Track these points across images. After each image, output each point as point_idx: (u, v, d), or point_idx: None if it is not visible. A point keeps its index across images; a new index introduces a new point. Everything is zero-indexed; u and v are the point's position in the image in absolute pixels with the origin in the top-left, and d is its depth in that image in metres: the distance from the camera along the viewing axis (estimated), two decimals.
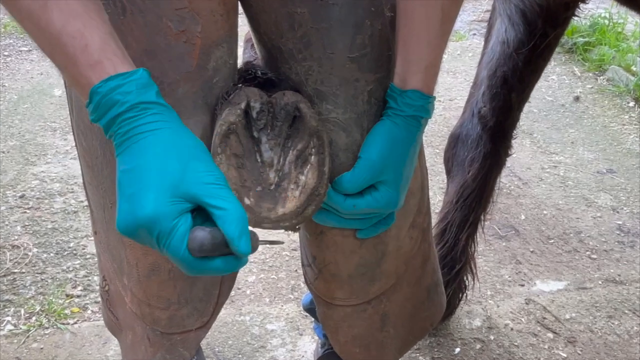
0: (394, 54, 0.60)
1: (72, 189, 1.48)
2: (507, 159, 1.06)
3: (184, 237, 0.45)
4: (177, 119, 0.49)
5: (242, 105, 0.56)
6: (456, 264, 1.07)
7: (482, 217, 1.08)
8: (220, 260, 0.46)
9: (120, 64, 0.47)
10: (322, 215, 0.61)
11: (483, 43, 1.05)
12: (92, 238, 1.18)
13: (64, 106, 1.84)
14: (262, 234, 0.58)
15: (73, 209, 1.41)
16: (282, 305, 1.17)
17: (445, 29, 0.58)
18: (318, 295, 0.72)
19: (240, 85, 0.58)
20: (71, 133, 0.67)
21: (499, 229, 1.44)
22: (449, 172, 1.09)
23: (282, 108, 0.57)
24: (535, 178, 1.62)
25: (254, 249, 0.46)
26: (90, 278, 1.22)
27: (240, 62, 0.63)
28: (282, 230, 0.59)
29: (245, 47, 0.77)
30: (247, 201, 0.56)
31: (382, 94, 0.61)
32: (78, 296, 1.17)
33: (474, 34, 2.41)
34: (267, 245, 0.59)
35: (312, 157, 0.57)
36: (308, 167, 0.57)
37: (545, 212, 1.49)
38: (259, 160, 0.57)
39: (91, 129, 0.60)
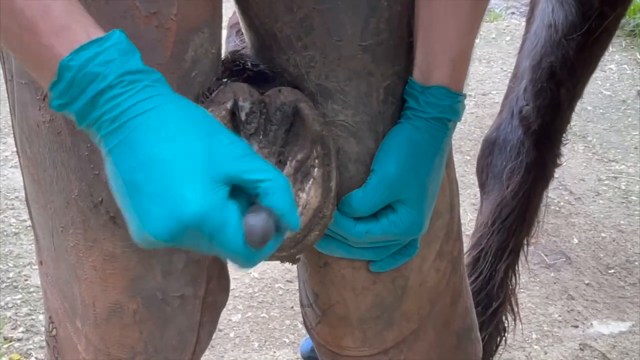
0: (415, 41, 0.60)
1: (13, 204, 1.48)
2: (556, 169, 1.06)
3: (238, 228, 0.45)
4: (170, 88, 0.48)
5: (228, 105, 0.55)
6: (493, 300, 1.07)
7: (525, 243, 1.07)
8: (272, 242, 0.47)
9: (92, 26, 0.46)
10: (326, 243, 0.61)
11: (524, 25, 1.05)
12: (37, 267, 1.17)
13: (3, 102, 1.84)
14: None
15: (13, 230, 1.41)
16: (275, 352, 1.18)
17: (478, 10, 0.58)
18: (321, 344, 0.72)
19: (226, 80, 0.58)
20: (11, 135, 0.67)
21: (546, 255, 1.44)
22: (483, 185, 1.09)
23: (277, 109, 0.57)
24: (591, 192, 1.62)
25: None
26: (34, 317, 1.22)
27: (224, 51, 0.63)
28: (278, 263, 0.58)
29: (229, 34, 0.77)
30: None
31: (402, 91, 0.61)
32: (19, 339, 1.17)
33: (512, 13, 2.43)
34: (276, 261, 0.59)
35: (315, 169, 0.57)
36: (310, 182, 0.57)
37: (603, 234, 1.49)
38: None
39: (38, 133, 0.60)
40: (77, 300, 0.63)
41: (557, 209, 1.58)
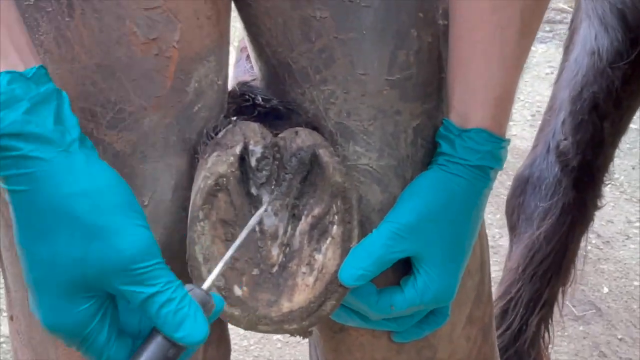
0: (450, 77, 0.58)
1: None
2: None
3: (102, 348, 0.47)
4: (62, 158, 0.45)
5: (237, 150, 0.53)
6: (523, 359, 1.04)
7: (560, 293, 1.05)
8: None
9: None
10: (342, 313, 0.58)
11: (562, 53, 1.04)
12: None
13: None
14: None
15: None
16: None
17: (524, 45, 0.56)
18: None
19: (235, 118, 0.56)
20: None
21: (574, 306, 1.41)
22: (513, 227, 1.08)
23: (293, 154, 0.55)
24: (620, 235, 1.61)
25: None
26: None
27: (232, 76, 0.61)
28: (303, 339, 0.55)
29: (238, 58, 0.74)
30: (237, 291, 0.53)
31: (432, 132, 0.59)
32: None
33: (548, 39, 2.41)
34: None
35: (334, 227, 0.54)
36: (327, 242, 0.54)
37: (635, 282, 1.47)
38: (258, 229, 0.54)
39: None
40: None
41: (584, 253, 1.57)
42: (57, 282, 0.46)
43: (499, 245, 1.51)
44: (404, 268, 0.58)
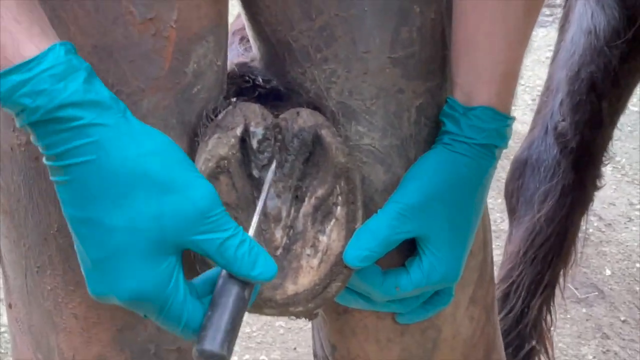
0: (450, 54, 0.58)
1: None
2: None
3: (180, 309, 0.47)
4: (124, 119, 0.47)
5: (238, 131, 0.53)
6: (525, 342, 1.05)
7: (562, 276, 1.04)
8: None
9: (26, 39, 0.44)
10: (347, 295, 0.58)
11: (558, 33, 1.03)
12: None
13: None
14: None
15: None
16: None
17: (529, 21, 0.56)
18: None
19: (234, 99, 0.55)
20: None
21: (576, 289, 1.42)
22: (512, 210, 1.07)
23: (295, 135, 0.54)
24: (622, 217, 1.61)
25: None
26: None
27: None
28: (305, 324, 0.55)
29: (230, 42, 0.73)
30: None
31: (436, 111, 0.59)
32: None
33: (548, 23, 2.40)
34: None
35: (338, 208, 0.54)
36: (332, 223, 0.54)
37: (638, 265, 1.48)
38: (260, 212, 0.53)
39: (12, 157, 0.57)
40: (53, 352, 0.60)
41: (586, 236, 1.57)
42: (138, 246, 0.45)
43: (500, 230, 1.51)
44: (408, 249, 0.58)
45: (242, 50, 0.68)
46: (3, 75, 0.43)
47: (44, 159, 0.47)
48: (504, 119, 0.56)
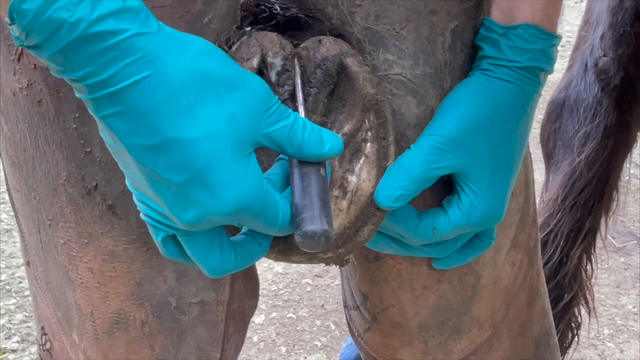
0: None
1: (3, 198, 1.46)
2: None
3: (280, 206, 0.46)
4: (162, 26, 0.43)
5: (254, 62, 0.49)
6: (565, 292, 1.02)
7: (602, 223, 1.00)
8: None
9: None
10: (378, 240, 0.55)
11: None
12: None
13: None
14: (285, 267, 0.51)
15: (4, 226, 1.39)
16: (305, 357, 1.15)
17: None
18: (371, 354, 0.67)
19: (249, 28, 0.51)
20: None
21: (614, 238, 1.38)
22: (549, 155, 1.03)
23: (317, 65, 0.50)
24: None
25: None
26: (30, 325, 1.21)
27: None
28: (322, 266, 0.51)
29: None
30: None
31: (472, 35, 0.55)
32: (14, 350, 1.16)
33: None
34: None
35: (368, 145, 0.50)
36: (361, 161, 0.50)
37: None
38: (263, 154, 0.50)
39: (14, 103, 0.54)
40: (71, 308, 0.59)
41: (622, 183, 1.53)
42: (224, 153, 0.43)
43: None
44: (442, 189, 0.54)
45: None
46: None
47: (81, 94, 0.43)
48: (551, 38, 0.52)
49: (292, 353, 1.16)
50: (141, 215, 0.47)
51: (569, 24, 2.01)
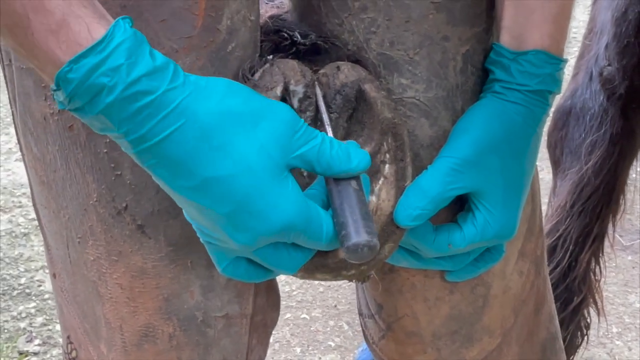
0: None
1: (20, 202, 1.46)
2: None
3: (323, 222, 0.48)
4: (190, 76, 0.46)
5: (278, 91, 0.50)
6: (574, 295, 1.03)
7: (610, 227, 1.01)
8: None
9: (94, 21, 0.44)
10: (395, 253, 0.56)
11: None
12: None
13: (2, 88, 1.82)
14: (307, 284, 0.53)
15: (22, 230, 1.40)
16: (320, 358, 1.16)
17: None
18: None
19: (271, 56, 0.52)
20: (14, 126, 0.64)
21: (621, 236, 1.38)
22: (557, 162, 1.04)
23: (337, 92, 0.52)
24: None
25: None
26: (51, 327, 1.21)
27: None
28: (344, 282, 0.53)
29: None
30: None
31: (483, 58, 0.56)
32: (35, 353, 1.16)
33: None
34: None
35: (387, 166, 0.52)
36: (380, 182, 0.52)
37: None
38: (305, 174, 0.51)
39: (45, 127, 0.56)
40: (100, 321, 0.60)
41: (629, 181, 1.52)
42: (262, 181, 0.45)
43: (541, 179, 1.48)
44: (455, 204, 0.56)
45: (266, 1, 0.64)
46: (78, 59, 0.43)
47: (126, 149, 0.46)
48: (558, 62, 0.53)
49: (307, 353, 1.16)
50: (201, 240, 0.49)
51: (575, 20, 2.00)
